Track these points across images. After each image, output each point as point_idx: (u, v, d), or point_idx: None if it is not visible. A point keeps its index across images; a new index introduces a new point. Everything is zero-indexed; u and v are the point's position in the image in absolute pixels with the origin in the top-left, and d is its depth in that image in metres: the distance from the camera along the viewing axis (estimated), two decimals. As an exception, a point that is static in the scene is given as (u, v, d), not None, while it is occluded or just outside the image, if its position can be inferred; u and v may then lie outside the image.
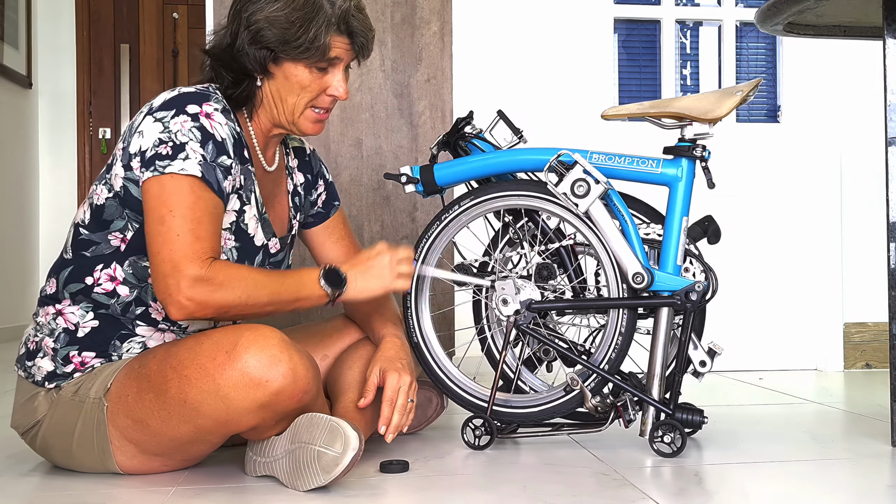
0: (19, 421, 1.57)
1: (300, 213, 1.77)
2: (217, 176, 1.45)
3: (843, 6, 1.77)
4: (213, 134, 1.46)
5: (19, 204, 4.64)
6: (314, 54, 1.52)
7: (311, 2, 1.50)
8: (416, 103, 2.71)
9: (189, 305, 1.41)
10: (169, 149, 1.42)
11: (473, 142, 1.86)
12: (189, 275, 1.39)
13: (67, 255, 1.55)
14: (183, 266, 1.40)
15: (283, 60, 1.53)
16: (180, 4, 5.16)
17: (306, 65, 1.53)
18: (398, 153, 2.75)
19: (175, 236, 1.41)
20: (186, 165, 1.42)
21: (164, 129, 1.43)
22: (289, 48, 1.51)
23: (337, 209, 1.83)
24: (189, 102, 1.47)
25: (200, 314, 1.43)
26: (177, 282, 1.40)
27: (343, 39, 1.54)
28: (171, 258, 1.40)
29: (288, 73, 1.54)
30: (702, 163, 1.72)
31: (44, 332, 1.54)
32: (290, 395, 1.40)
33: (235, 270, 1.46)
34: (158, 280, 1.42)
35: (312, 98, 1.57)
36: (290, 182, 1.73)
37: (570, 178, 1.69)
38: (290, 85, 1.55)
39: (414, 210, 2.65)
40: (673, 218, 1.71)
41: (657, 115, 1.73)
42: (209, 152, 1.45)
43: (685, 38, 3.37)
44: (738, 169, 3.09)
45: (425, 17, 2.72)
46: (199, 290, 1.40)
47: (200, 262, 1.41)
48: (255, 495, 1.42)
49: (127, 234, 1.50)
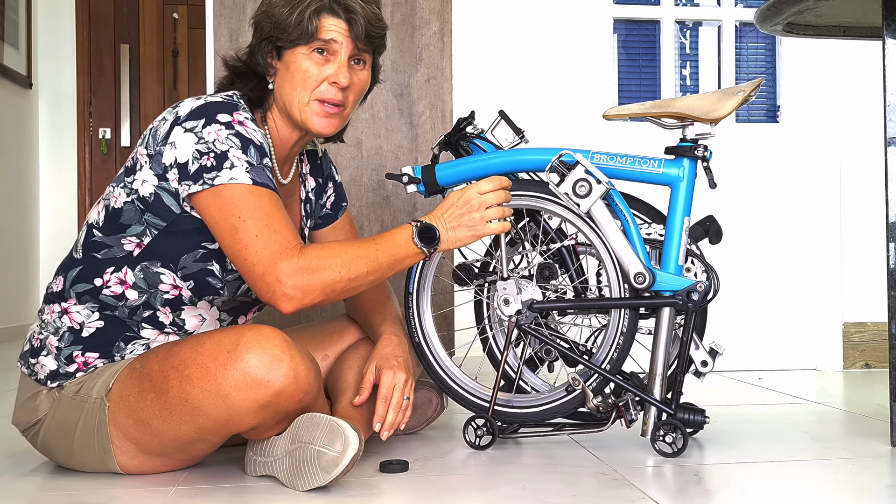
0: (21, 418, 1.57)
1: (311, 219, 1.77)
2: (267, 175, 1.46)
3: (843, 6, 1.77)
4: (252, 139, 1.46)
5: (20, 204, 4.64)
6: (304, 36, 1.51)
7: None
8: (416, 103, 2.71)
9: (296, 294, 1.41)
10: (213, 160, 1.42)
11: (475, 142, 1.86)
12: (284, 267, 1.40)
13: (77, 254, 1.54)
14: (275, 261, 1.41)
15: (284, 52, 1.54)
16: (180, 4, 5.16)
17: (305, 52, 1.53)
18: (398, 153, 2.75)
19: (254, 237, 1.41)
20: (235, 174, 1.42)
21: (200, 140, 1.43)
22: (283, 35, 1.51)
23: (345, 210, 1.84)
24: (219, 111, 1.46)
25: (309, 301, 1.43)
26: (275, 277, 1.40)
27: (338, 22, 1.52)
28: (260, 258, 1.41)
29: (289, 62, 1.54)
30: (703, 163, 1.72)
31: (48, 330, 1.54)
32: (292, 395, 1.40)
33: (328, 249, 1.46)
34: (257, 283, 1.42)
35: (315, 86, 1.54)
36: (302, 190, 1.73)
37: (572, 178, 1.69)
38: (292, 75, 1.54)
39: (414, 210, 2.65)
40: (674, 218, 1.71)
41: (659, 115, 1.73)
42: (253, 156, 1.45)
43: (685, 39, 3.37)
44: (737, 169, 3.10)
45: (425, 18, 2.72)
46: (300, 278, 1.41)
47: (290, 251, 1.42)
48: (255, 495, 1.42)
49: (144, 240, 1.50)
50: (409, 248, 1.53)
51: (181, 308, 1.54)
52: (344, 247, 1.48)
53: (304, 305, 1.44)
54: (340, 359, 1.79)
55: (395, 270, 1.54)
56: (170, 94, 5.15)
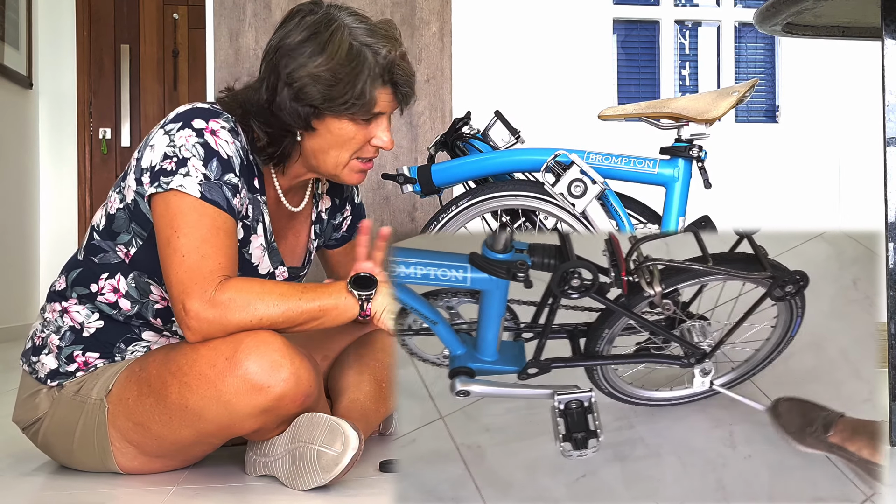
0: (21, 416, 1.58)
1: (320, 238, 1.72)
2: (224, 193, 1.41)
3: (842, 7, 1.77)
4: (218, 151, 1.42)
5: (20, 204, 4.64)
6: (360, 109, 1.44)
7: (354, 54, 1.41)
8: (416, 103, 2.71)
9: (200, 328, 1.37)
10: (173, 164, 1.40)
11: (471, 142, 1.87)
12: (196, 297, 1.36)
13: (80, 255, 1.55)
14: (190, 289, 1.37)
15: (325, 115, 1.45)
16: (180, 5, 5.17)
17: (350, 118, 1.46)
18: (397, 153, 2.75)
19: (181, 258, 1.37)
20: (185, 183, 1.38)
21: (170, 143, 1.41)
22: (334, 104, 1.42)
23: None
24: (196, 117, 1.43)
25: (212, 335, 1.39)
26: (185, 306, 1.36)
27: (387, 90, 1.46)
28: (179, 280, 1.37)
29: (331, 127, 1.46)
30: (698, 163, 1.73)
31: (50, 329, 1.54)
32: (293, 399, 1.40)
33: (248, 289, 1.39)
34: (173, 304, 1.39)
35: (356, 150, 1.50)
36: (314, 211, 1.68)
37: (567, 178, 1.70)
38: (333, 139, 1.47)
39: (413, 210, 2.65)
40: (670, 218, 1.72)
41: (654, 116, 1.74)
42: (213, 170, 1.41)
43: (684, 39, 3.38)
44: (736, 169, 3.10)
45: (425, 18, 2.73)
46: (209, 312, 1.37)
47: (207, 282, 1.37)
48: (255, 495, 1.42)
49: (130, 250, 1.49)
50: (340, 298, 1.43)
51: (172, 319, 1.52)
52: (266, 288, 1.40)
53: (206, 338, 1.39)
54: (340, 358, 1.79)
55: (324, 322, 1.43)
56: (170, 95, 5.16)
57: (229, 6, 2.69)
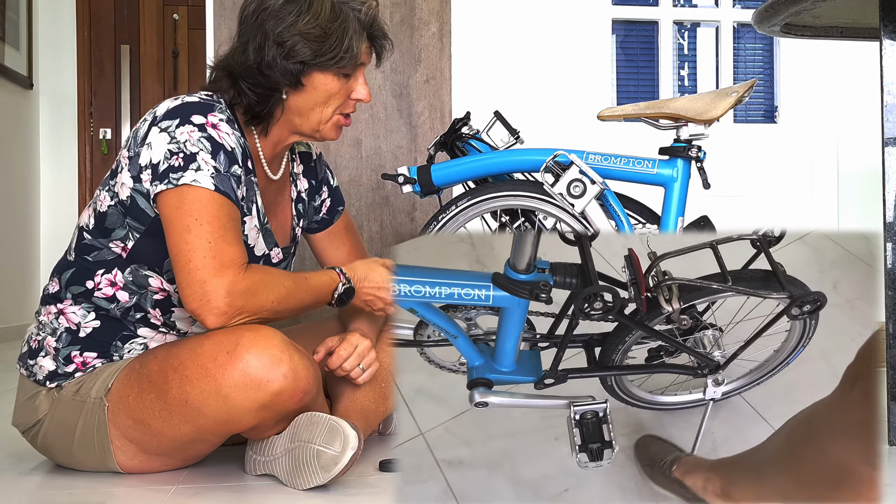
0: (20, 419, 1.58)
1: (303, 219, 1.75)
2: (231, 185, 1.44)
3: (841, 7, 1.78)
4: (223, 144, 1.45)
5: (20, 204, 4.65)
6: (347, 63, 1.51)
7: (338, 11, 1.49)
8: (415, 104, 2.72)
9: (228, 311, 1.39)
10: (181, 160, 1.41)
11: (471, 142, 1.88)
12: (228, 282, 1.38)
13: (70, 256, 1.55)
14: (221, 273, 1.38)
15: (313, 70, 1.51)
16: (180, 5, 5.17)
17: (335, 73, 1.52)
18: (397, 153, 2.76)
19: (206, 243, 1.39)
20: (199, 177, 1.41)
21: (172, 140, 1.42)
22: (324, 59, 1.49)
23: (341, 214, 1.82)
24: (194, 112, 1.45)
25: (235, 321, 1.41)
26: (214, 289, 1.38)
27: (367, 44, 1.56)
28: (206, 264, 1.38)
29: (317, 83, 1.52)
30: (697, 163, 1.73)
31: (46, 331, 1.55)
32: (291, 395, 1.41)
33: (270, 278, 1.45)
34: (192, 288, 1.39)
35: (339, 105, 1.56)
36: (293, 189, 1.72)
37: (567, 178, 1.71)
38: (318, 95, 1.53)
39: (413, 210, 2.66)
40: (668, 218, 1.72)
41: (653, 116, 1.74)
42: (221, 163, 1.43)
43: (683, 39, 3.38)
44: (735, 169, 3.10)
45: (424, 19, 2.73)
46: (238, 297, 1.39)
47: (237, 268, 1.40)
48: (255, 494, 1.43)
49: (128, 244, 1.50)
50: (325, 300, 1.55)
51: (171, 310, 1.54)
52: (282, 279, 1.47)
53: (229, 324, 1.41)
54: (339, 358, 1.80)
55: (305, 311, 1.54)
56: (170, 95, 5.15)
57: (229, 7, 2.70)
